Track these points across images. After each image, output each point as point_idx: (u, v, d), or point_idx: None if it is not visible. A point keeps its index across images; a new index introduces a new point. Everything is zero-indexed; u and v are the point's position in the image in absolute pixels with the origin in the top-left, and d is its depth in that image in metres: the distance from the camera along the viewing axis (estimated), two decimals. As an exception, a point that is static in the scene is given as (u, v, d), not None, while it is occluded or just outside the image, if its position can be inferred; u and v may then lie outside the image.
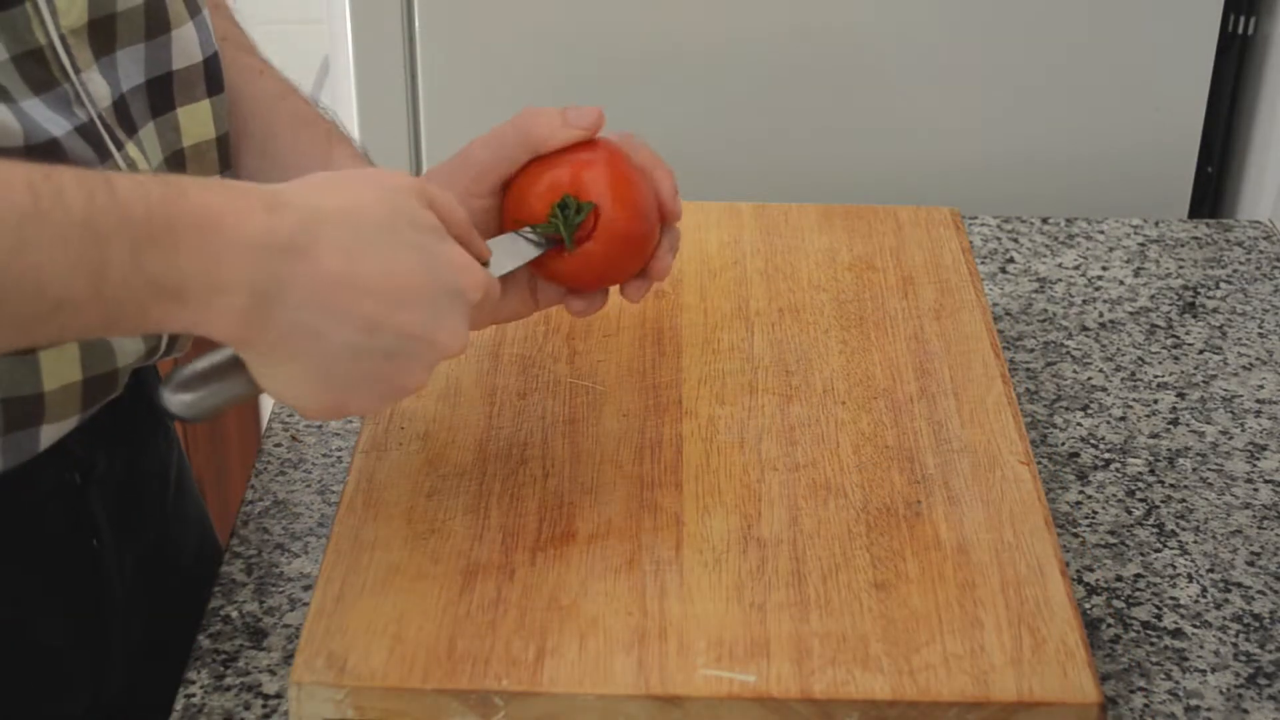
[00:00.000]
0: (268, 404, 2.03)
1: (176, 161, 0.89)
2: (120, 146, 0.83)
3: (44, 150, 0.77)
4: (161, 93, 0.87)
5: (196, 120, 0.89)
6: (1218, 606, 0.94)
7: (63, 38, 0.80)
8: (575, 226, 0.87)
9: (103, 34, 0.83)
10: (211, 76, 0.90)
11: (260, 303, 0.73)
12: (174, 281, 0.71)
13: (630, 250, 0.90)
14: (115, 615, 0.94)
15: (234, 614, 0.92)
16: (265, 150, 0.96)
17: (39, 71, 0.79)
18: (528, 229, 0.88)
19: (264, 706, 0.86)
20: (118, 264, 0.69)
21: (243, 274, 0.72)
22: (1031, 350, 1.18)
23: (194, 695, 0.86)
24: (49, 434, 0.84)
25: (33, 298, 0.69)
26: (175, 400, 0.78)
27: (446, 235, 0.79)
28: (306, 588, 0.93)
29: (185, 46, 0.88)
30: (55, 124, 0.79)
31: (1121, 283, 1.27)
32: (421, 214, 0.78)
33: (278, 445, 1.06)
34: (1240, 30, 1.46)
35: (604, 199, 0.88)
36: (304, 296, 0.74)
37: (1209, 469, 1.06)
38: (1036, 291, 1.26)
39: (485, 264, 0.83)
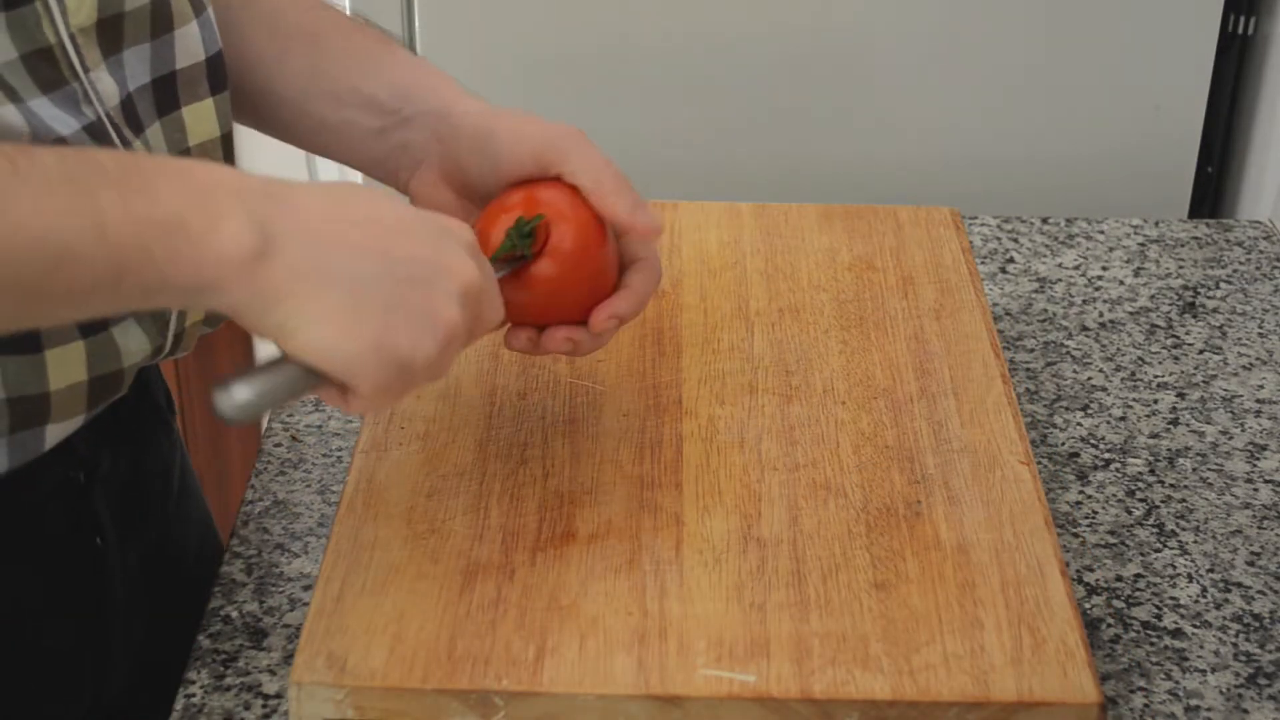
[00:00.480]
0: (268, 404, 2.02)
1: None
2: (128, 145, 0.83)
3: None
4: (166, 92, 0.87)
5: (201, 119, 0.90)
6: (1218, 606, 0.94)
7: (72, 36, 0.80)
8: (531, 233, 0.86)
9: (111, 33, 0.83)
10: (214, 74, 0.90)
11: (261, 239, 0.72)
12: (170, 214, 0.70)
13: (581, 268, 0.87)
14: (117, 615, 0.94)
15: (234, 614, 0.92)
16: (321, 49, 0.94)
17: (48, 70, 0.79)
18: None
19: (264, 706, 0.86)
20: (111, 206, 0.69)
21: (235, 205, 0.72)
22: (1031, 350, 1.18)
23: (194, 695, 0.86)
24: (54, 433, 0.84)
25: (31, 251, 0.68)
26: (227, 402, 0.75)
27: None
28: (306, 588, 0.93)
29: (188, 45, 0.88)
30: (63, 123, 0.79)
31: (1121, 283, 1.27)
32: (388, 197, 0.79)
33: (278, 445, 1.06)
34: (1240, 30, 1.46)
35: (554, 215, 0.87)
36: (300, 234, 0.73)
37: (1209, 469, 1.06)
38: (1036, 291, 1.26)
39: None
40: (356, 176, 0.99)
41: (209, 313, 0.89)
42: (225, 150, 0.91)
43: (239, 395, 0.75)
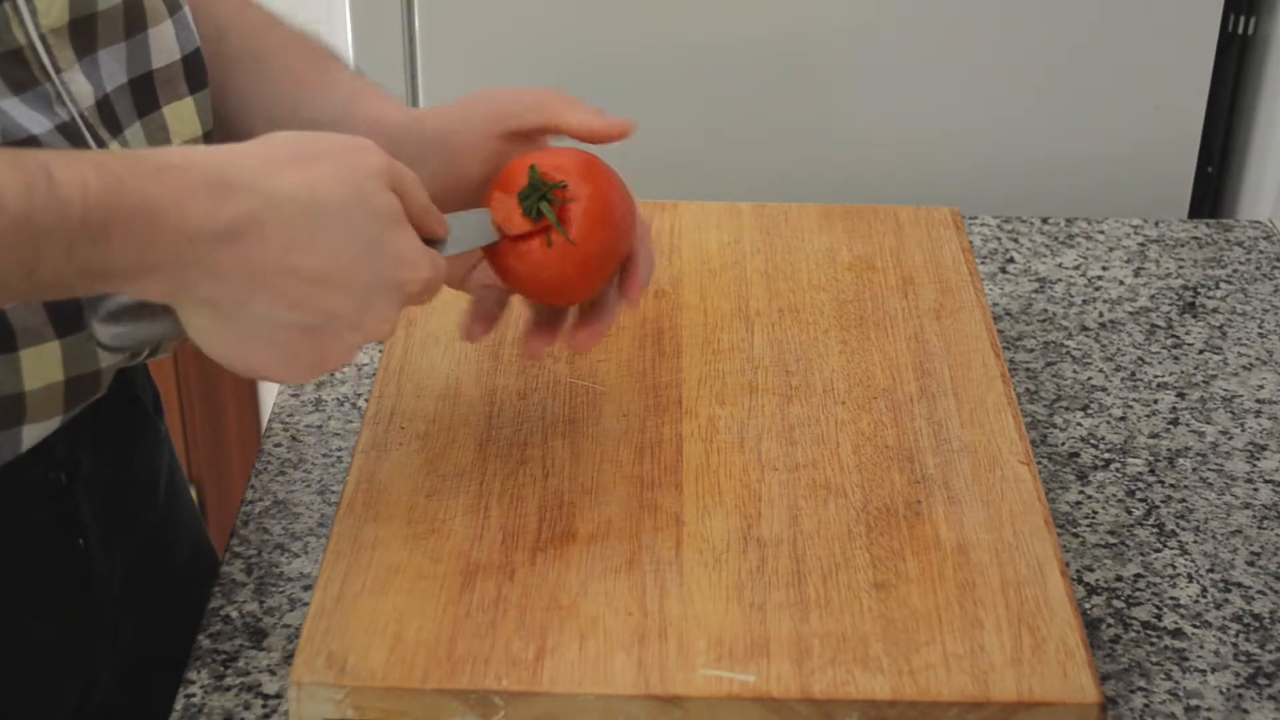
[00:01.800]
0: (268, 404, 2.03)
1: None
2: (103, 146, 0.83)
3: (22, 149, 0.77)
4: (145, 92, 0.87)
5: (182, 118, 0.89)
6: (1218, 606, 0.94)
7: (43, 37, 0.80)
8: (549, 195, 0.86)
9: (84, 34, 0.83)
10: (192, 73, 0.90)
11: (188, 277, 0.73)
12: (103, 267, 0.71)
13: (594, 258, 0.87)
14: (103, 616, 0.94)
15: (234, 614, 0.92)
16: (261, 72, 0.95)
17: (18, 71, 0.79)
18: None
19: (264, 706, 0.86)
20: (50, 258, 0.69)
21: (174, 257, 0.72)
22: (1031, 350, 1.18)
23: (194, 695, 0.86)
24: (31, 434, 0.84)
25: None
26: (104, 331, 0.78)
27: (402, 222, 0.78)
28: (306, 588, 0.93)
29: (164, 44, 0.88)
30: (35, 122, 0.79)
31: (1121, 283, 1.27)
32: (381, 199, 0.77)
33: (278, 445, 1.06)
34: (1240, 30, 1.46)
35: (580, 194, 0.86)
36: (234, 274, 0.73)
37: (1209, 469, 1.06)
38: (1036, 291, 1.26)
39: (442, 240, 0.82)
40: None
41: None
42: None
43: (113, 328, 0.78)
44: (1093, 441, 1.08)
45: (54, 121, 0.80)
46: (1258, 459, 1.07)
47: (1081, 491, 1.03)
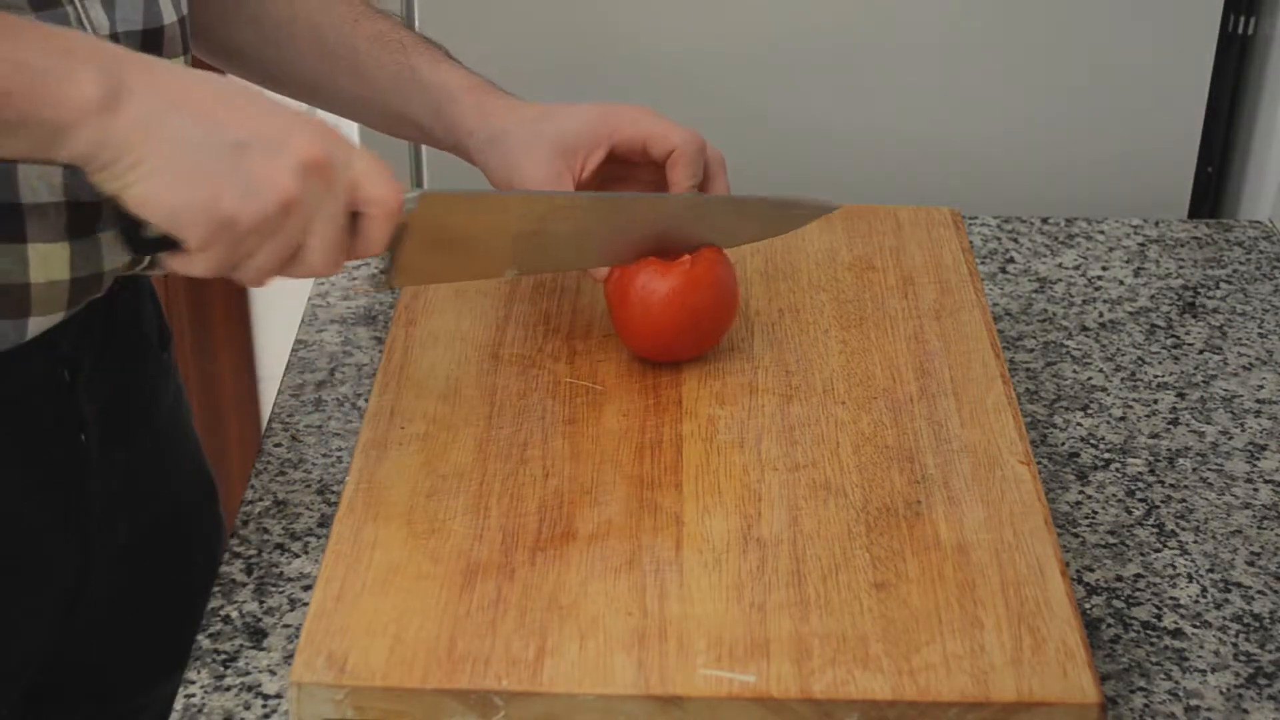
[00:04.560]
0: (268, 404, 2.03)
1: None
2: None
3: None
4: (153, 47, 0.91)
5: None
6: (1218, 606, 0.94)
7: None
8: None
9: None
10: (184, 36, 0.94)
11: (110, 92, 0.76)
12: (30, 59, 0.75)
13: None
14: (99, 509, 0.98)
15: (234, 614, 0.92)
16: (359, 73, 1.03)
17: None
18: None
19: (264, 706, 0.86)
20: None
21: (91, 60, 0.76)
22: (1031, 350, 1.18)
23: (194, 695, 0.86)
24: (36, 325, 0.88)
25: None
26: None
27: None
28: (306, 588, 0.93)
29: (170, 3, 0.92)
30: None
31: (1121, 283, 1.27)
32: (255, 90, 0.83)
33: (278, 445, 1.06)
34: (1240, 30, 1.46)
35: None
36: (149, 91, 0.76)
37: (1209, 469, 1.06)
38: (1036, 291, 1.26)
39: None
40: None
41: None
42: None
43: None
44: (1093, 441, 1.08)
45: None
46: (1258, 459, 1.07)
47: (1081, 491, 1.03)
